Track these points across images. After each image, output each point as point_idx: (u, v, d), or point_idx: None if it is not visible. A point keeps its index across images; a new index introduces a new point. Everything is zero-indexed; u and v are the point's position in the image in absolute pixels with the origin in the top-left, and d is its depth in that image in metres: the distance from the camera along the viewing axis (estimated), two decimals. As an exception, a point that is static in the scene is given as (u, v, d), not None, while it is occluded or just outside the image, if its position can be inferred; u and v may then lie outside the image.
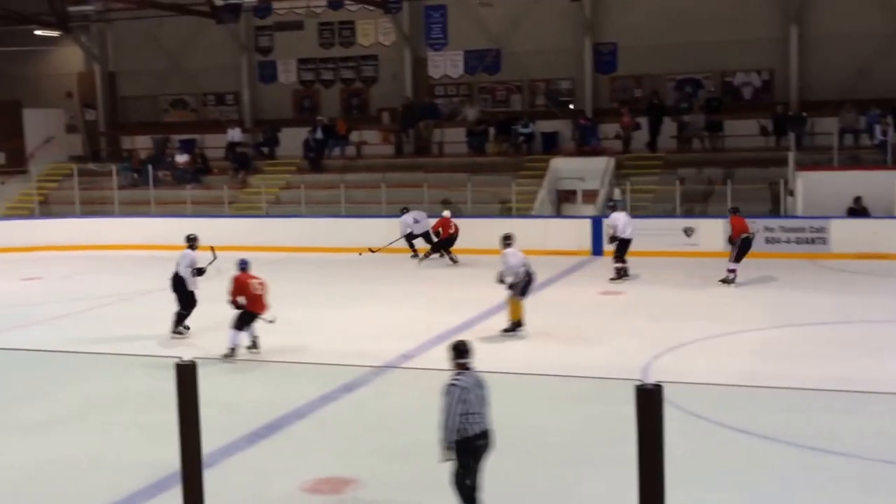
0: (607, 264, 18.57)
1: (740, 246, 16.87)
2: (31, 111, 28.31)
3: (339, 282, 18.99)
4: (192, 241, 14.29)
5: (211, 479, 2.83)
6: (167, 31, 29.12)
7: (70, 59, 30.98)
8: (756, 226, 18.33)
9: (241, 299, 12.27)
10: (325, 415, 10.00)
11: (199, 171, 27.01)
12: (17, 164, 27.37)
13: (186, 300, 13.63)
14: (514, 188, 22.81)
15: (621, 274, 17.83)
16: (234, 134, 27.47)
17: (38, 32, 29.44)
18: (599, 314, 15.20)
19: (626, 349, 12.45)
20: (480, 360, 7.06)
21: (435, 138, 26.89)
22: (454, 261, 20.59)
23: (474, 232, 20.95)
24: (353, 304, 16.36)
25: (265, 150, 27.69)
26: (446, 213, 21.27)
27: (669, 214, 21.66)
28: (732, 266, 16.91)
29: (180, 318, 13.62)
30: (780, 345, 12.77)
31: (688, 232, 20.95)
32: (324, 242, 22.49)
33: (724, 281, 16.93)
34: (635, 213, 20.27)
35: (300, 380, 11.42)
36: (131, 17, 28.78)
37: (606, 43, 26.10)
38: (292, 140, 26.96)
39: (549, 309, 15.22)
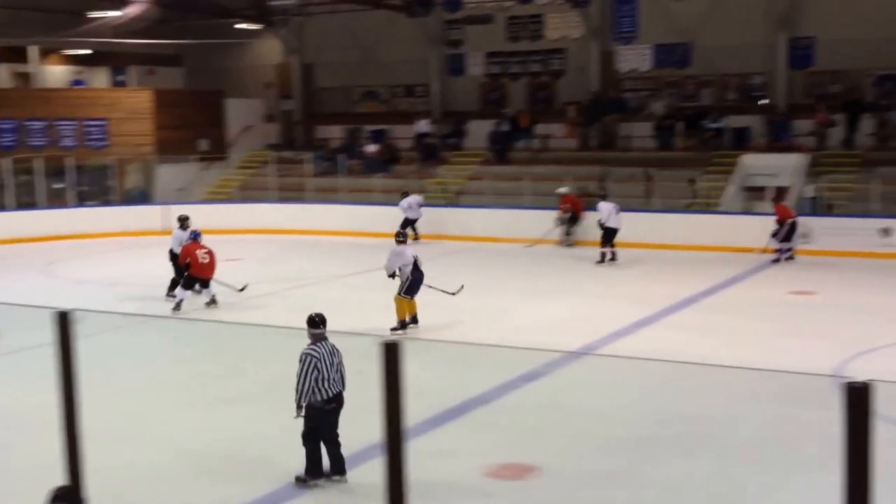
0: (797, 263, 17.94)
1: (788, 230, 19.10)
2: (233, 101, 29.65)
3: (518, 273, 19.05)
4: (182, 222, 16.38)
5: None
6: (361, 25, 29.96)
7: (269, 51, 32.32)
8: None
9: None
10: (507, 402, 10.08)
11: (388, 160, 27.64)
12: (219, 151, 28.75)
13: (179, 270, 15.52)
14: (701, 184, 22.22)
15: (605, 258, 19.51)
16: (423, 125, 27.96)
17: (240, 26, 30.87)
18: (790, 314, 14.65)
19: (817, 349, 11.96)
20: (672, 353, 6.96)
21: (621, 132, 26.53)
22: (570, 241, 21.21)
23: (658, 227, 20.60)
24: (532, 295, 16.38)
25: (452, 141, 28.07)
26: (564, 190, 21.70)
27: (866, 214, 20.62)
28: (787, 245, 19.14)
29: (173, 284, 15.70)
30: None
31: (886, 232, 19.89)
32: (506, 233, 22.64)
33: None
34: (829, 212, 19.44)
35: (483, 367, 11.54)
36: (328, 10, 29.78)
37: (803, 37, 25.04)
38: (479, 132, 27.20)
39: (737, 307, 14.83)
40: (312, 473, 7.69)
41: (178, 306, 14.76)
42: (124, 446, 7.89)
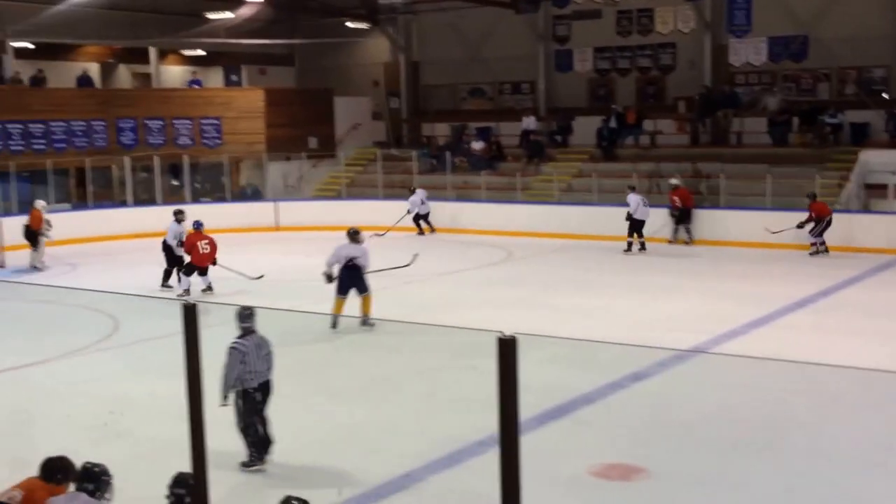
0: None
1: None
2: (341, 99, 30.04)
3: (624, 270, 18.83)
4: (177, 215, 17.10)
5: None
6: (468, 22, 30.01)
7: (377, 49, 32.65)
8: None
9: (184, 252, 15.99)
10: (614, 401, 9.95)
11: (493, 157, 27.63)
12: (328, 148, 29.17)
13: (172, 261, 16.58)
14: (818, 181, 21.61)
15: (631, 247, 20.75)
16: (529, 122, 27.86)
17: (349, 25, 31.29)
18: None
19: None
20: (786, 354, 6.77)
21: (733, 128, 25.94)
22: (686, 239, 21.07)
23: (772, 225, 20.16)
24: (638, 293, 16.16)
25: (559, 138, 27.89)
26: (676, 181, 21.55)
27: None
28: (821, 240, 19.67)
29: (167, 275, 16.68)
30: None
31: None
32: (615, 230, 22.38)
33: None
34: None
35: (589, 365, 11.42)
36: (435, 8, 29.92)
37: (929, 27, 24.08)
38: (586, 128, 26.95)
39: (858, 308, 14.37)
40: (258, 456, 8.01)
41: (186, 292, 15.76)
42: (237, 436, 8.06)
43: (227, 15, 28.61)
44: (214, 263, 16.07)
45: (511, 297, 15.86)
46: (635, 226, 20.81)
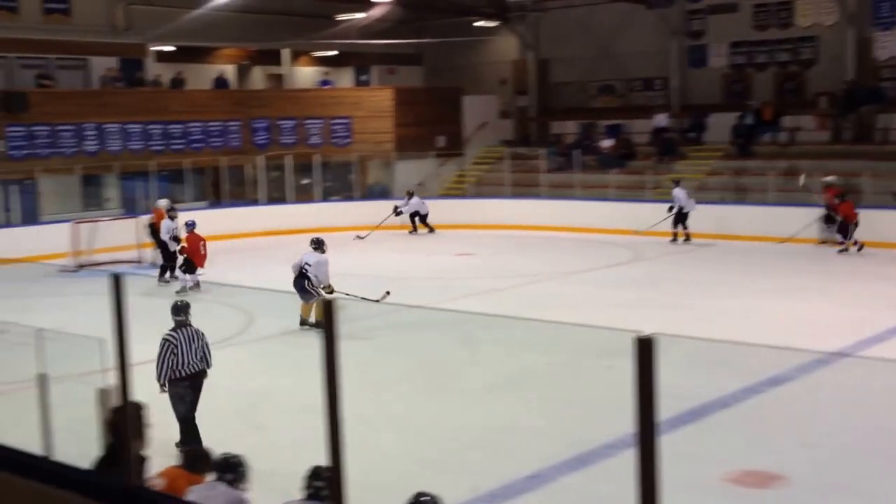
0: None
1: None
2: (469, 98, 30.09)
3: (760, 271, 18.26)
4: (171, 212, 18.11)
5: (631, 460, 2.84)
6: (598, 19, 29.65)
7: (506, 47, 32.59)
8: None
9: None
10: (751, 406, 9.64)
11: (623, 156, 27.22)
12: (456, 147, 29.26)
13: (168, 257, 17.70)
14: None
15: (676, 239, 21.82)
16: (661, 119, 27.32)
17: (478, 23, 31.32)
18: None
19: None
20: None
21: (878, 124, 24.81)
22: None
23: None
24: (779, 295, 15.63)
25: (691, 135, 27.27)
26: (831, 179, 20.70)
27: None
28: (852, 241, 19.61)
29: (163, 270, 17.72)
30: None
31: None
32: (742, 230, 21.79)
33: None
34: None
35: (725, 368, 11.09)
36: (565, 5, 29.67)
37: None
38: (720, 125, 26.25)
39: None
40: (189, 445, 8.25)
41: (196, 285, 16.62)
42: (372, 431, 8.13)
43: (358, 16, 29.02)
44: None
45: (640, 297, 15.59)
46: (682, 218, 21.81)
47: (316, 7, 28.96)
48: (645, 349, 2.89)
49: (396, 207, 24.90)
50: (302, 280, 13.14)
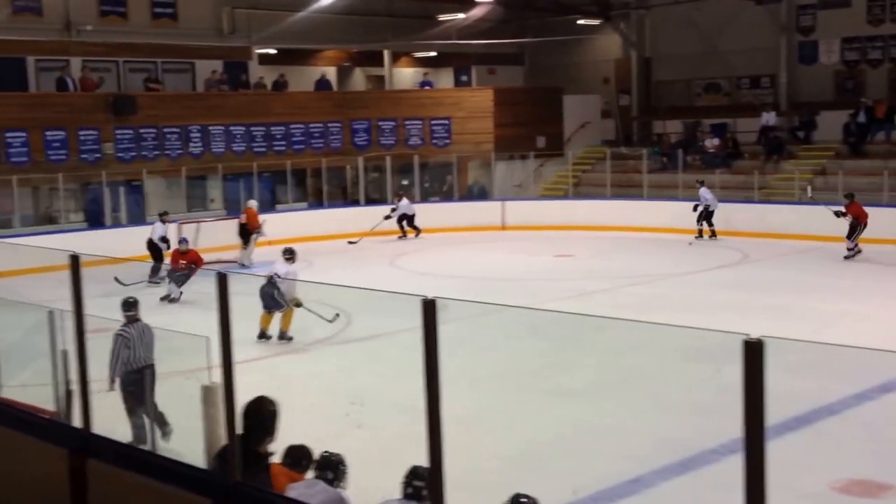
0: None
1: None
2: (571, 97, 29.84)
3: (872, 275, 17.64)
4: (163, 216, 19.17)
5: (735, 466, 2.75)
6: (704, 15, 29.05)
7: (608, 46, 32.23)
8: None
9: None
10: (860, 413, 9.33)
11: (729, 155, 26.63)
12: (555, 147, 29.04)
13: (158, 257, 18.45)
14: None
15: (702, 235, 22.77)
16: (769, 118, 26.62)
17: (580, 22, 31.04)
18: None
19: None
20: None
21: None
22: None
23: None
24: (882, 300, 15.07)
25: (801, 134, 26.51)
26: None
27: None
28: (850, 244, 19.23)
29: (154, 271, 17.96)
30: None
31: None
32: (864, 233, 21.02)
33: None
34: None
35: (832, 374, 10.71)
36: (669, 2, 29.16)
37: None
38: (831, 124, 25.45)
39: None
40: (138, 440, 8.28)
41: (180, 295, 16.34)
42: (471, 432, 8.08)
43: (459, 16, 29.06)
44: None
45: (746, 299, 15.21)
46: (709, 216, 22.73)
47: (417, 8, 29.12)
48: (754, 352, 2.81)
49: (394, 210, 24.37)
50: (270, 289, 12.95)
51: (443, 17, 29.14)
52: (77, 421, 5.45)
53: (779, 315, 13.81)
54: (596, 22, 30.96)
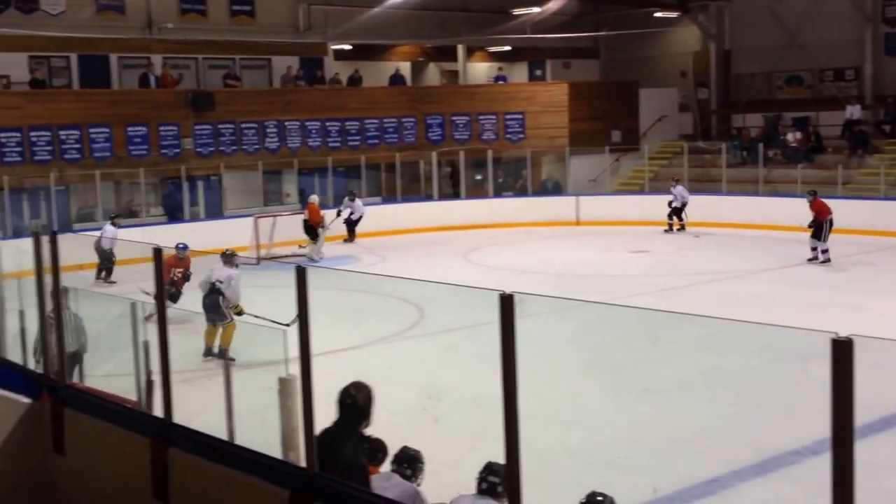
0: None
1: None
2: (647, 91, 29.46)
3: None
4: (114, 219, 19.12)
5: (817, 467, 2.66)
6: (785, 6, 28.44)
7: (686, 38, 31.74)
8: None
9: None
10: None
11: (811, 149, 26.02)
12: (631, 142, 28.72)
13: (108, 260, 18.31)
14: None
15: (672, 228, 23.68)
16: (854, 111, 25.95)
17: (657, 15, 30.63)
18: None
19: None
20: None
21: None
22: None
23: None
24: None
25: (887, 127, 25.79)
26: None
27: None
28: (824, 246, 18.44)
29: (107, 273, 18.25)
30: None
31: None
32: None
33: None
34: None
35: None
36: (752, -7, 28.64)
37: None
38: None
39: None
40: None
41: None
42: (548, 429, 8.02)
43: (534, 10, 28.90)
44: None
45: (830, 297, 14.85)
46: (679, 211, 23.79)
47: (492, 2, 29.06)
48: (843, 352, 2.73)
49: (340, 211, 23.16)
50: (215, 296, 11.87)
51: (517, 12, 29.02)
52: (158, 410, 5.54)
53: (858, 313, 13.46)
54: (673, 14, 30.51)
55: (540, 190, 28.08)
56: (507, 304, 3.51)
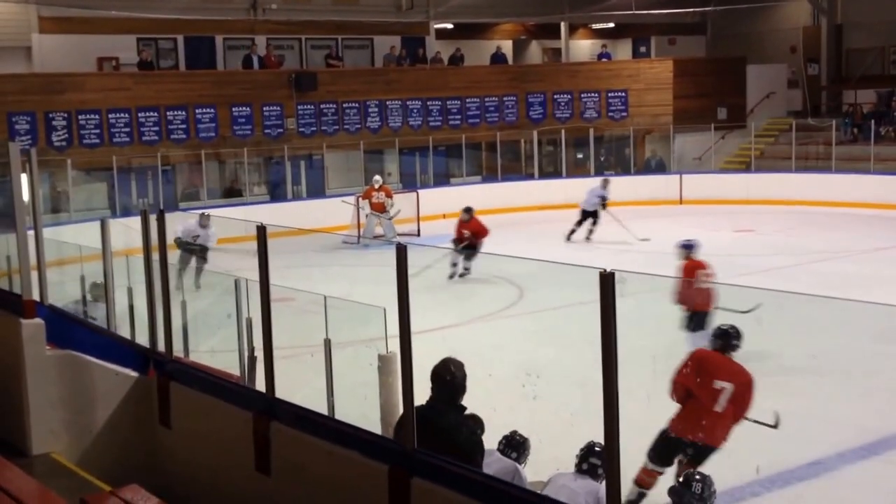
0: None
1: None
2: (754, 67, 28.68)
3: None
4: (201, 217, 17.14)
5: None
6: (900, -22, 27.34)
7: (796, 13, 30.77)
8: None
9: None
10: None
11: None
12: (738, 119, 28.03)
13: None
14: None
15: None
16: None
17: (766, -11, 29.80)
18: None
19: None
20: None
21: None
22: None
23: None
24: None
25: None
26: None
27: None
28: None
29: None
30: None
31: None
32: None
33: None
34: None
35: None
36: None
37: None
38: None
39: None
40: None
41: None
42: (648, 409, 7.90)
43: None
44: None
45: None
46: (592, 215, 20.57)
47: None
48: None
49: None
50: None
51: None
52: (260, 385, 5.64)
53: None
54: (784, -12, 29.61)
55: (643, 168, 27.66)
56: (607, 282, 3.46)
